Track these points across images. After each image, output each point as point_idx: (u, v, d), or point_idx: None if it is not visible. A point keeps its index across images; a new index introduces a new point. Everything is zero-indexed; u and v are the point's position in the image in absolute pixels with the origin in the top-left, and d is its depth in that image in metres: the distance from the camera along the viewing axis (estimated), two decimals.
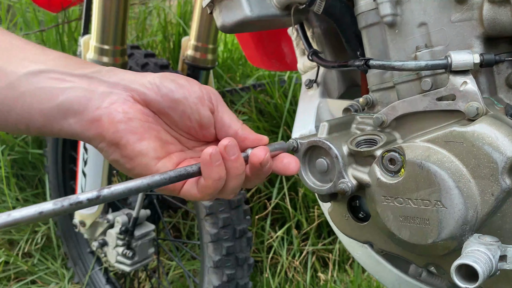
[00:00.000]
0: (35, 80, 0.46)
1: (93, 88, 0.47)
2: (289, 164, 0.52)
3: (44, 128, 0.48)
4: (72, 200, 0.37)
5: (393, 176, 0.55)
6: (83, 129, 0.47)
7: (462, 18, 0.57)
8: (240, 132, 0.52)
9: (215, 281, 1.20)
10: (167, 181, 0.44)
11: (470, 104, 0.52)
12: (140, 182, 0.42)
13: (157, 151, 0.49)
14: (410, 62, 0.56)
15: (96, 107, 0.47)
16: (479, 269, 0.41)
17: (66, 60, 0.49)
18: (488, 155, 0.48)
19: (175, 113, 0.50)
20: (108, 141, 0.47)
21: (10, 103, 0.46)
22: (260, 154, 0.49)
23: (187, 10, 2.04)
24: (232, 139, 0.48)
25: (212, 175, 0.47)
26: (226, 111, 0.52)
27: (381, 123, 0.60)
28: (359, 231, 0.62)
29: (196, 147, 0.54)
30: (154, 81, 0.49)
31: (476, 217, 0.49)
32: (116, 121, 0.47)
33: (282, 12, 0.71)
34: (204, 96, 0.50)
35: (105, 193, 0.39)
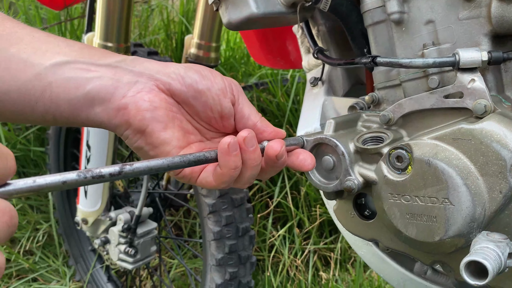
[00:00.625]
0: (62, 70, 0.47)
1: (118, 77, 0.48)
2: (304, 161, 0.53)
3: (71, 117, 0.49)
4: (94, 173, 0.38)
5: (400, 173, 0.55)
6: (109, 117, 0.48)
7: (470, 15, 0.56)
8: (258, 124, 0.53)
9: (217, 279, 1.20)
10: (186, 164, 0.45)
11: (478, 101, 0.52)
12: (161, 162, 0.43)
13: (179, 140, 0.50)
14: (418, 60, 0.56)
15: (122, 95, 0.48)
16: (489, 266, 0.41)
17: (90, 51, 0.50)
18: (497, 153, 0.48)
19: (198, 103, 0.51)
20: (134, 128, 0.49)
21: (37, 94, 0.47)
22: (276, 147, 0.50)
23: (190, 8, 2.04)
24: (251, 131, 0.49)
25: (228, 164, 0.48)
26: (246, 103, 0.53)
27: (387, 120, 0.60)
28: (364, 229, 0.62)
29: (214, 138, 0.55)
30: (178, 71, 0.50)
31: (484, 214, 0.49)
32: (142, 109, 0.48)
33: (288, 9, 0.71)
34: (226, 88, 0.52)
35: (126, 170, 0.40)
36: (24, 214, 1.81)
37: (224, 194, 1.19)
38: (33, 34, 0.49)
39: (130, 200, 1.40)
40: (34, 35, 0.49)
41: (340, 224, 0.67)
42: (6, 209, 0.31)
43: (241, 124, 0.53)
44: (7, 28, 0.48)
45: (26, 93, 0.47)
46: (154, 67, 0.51)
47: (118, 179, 0.41)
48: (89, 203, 1.35)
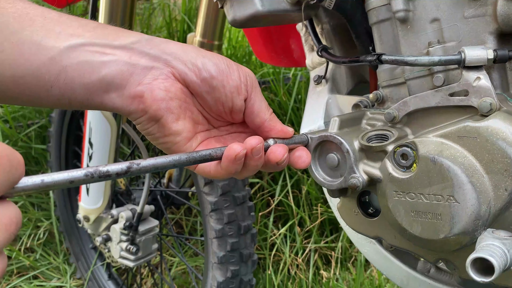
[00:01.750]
0: (76, 54, 0.46)
1: (134, 61, 0.48)
2: (299, 158, 0.53)
3: (86, 101, 0.48)
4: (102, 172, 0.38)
5: (405, 171, 0.55)
6: (124, 103, 0.48)
7: (476, 13, 0.57)
8: (267, 122, 0.52)
9: (219, 277, 1.20)
10: (192, 162, 0.46)
11: (484, 99, 0.52)
12: (167, 161, 0.43)
13: (189, 131, 0.51)
14: (424, 57, 0.56)
15: (138, 82, 0.48)
16: (495, 263, 0.41)
17: (104, 31, 0.49)
18: (502, 150, 0.48)
19: (211, 98, 0.51)
20: (148, 116, 0.49)
21: (52, 78, 0.46)
22: (279, 154, 0.50)
23: (192, 7, 2.04)
24: (260, 141, 0.49)
25: (229, 169, 0.48)
26: (258, 99, 0.53)
27: (392, 118, 0.60)
28: (368, 227, 0.62)
29: (222, 126, 0.55)
30: (196, 61, 0.49)
31: (489, 212, 0.49)
32: (158, 98, 0.48)
33: (293, 7, 0.71)
34: (241, 85, 0.51)
35: (133, 168, 0.40)
36: (25, 212, 1.81)
37: (226, 192, 1.19)
38: (45, 15, 0.48)
39: (131, 198, 1.40)
40: (46, 16, 0.47)
41: (343, 222, 0.67)
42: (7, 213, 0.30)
43: (250, 119, 0.53)
44: (18, 9, 0.47)
45: (41, 77, 0.46)
46: (171, 50, 0.49)
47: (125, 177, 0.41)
48: (91, 201, 1.35)
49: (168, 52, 0.49)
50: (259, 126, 0.53)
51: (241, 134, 0.56)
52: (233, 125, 0.56)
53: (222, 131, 0.55)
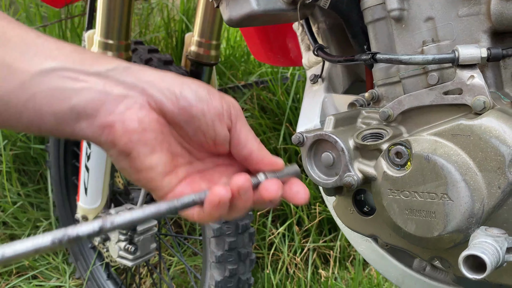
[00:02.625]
0: (47, 79, 0.43)
1: (108, 90, 0.44)
2: (297, 194, 0.49)
3: (56, 130, 0.45)
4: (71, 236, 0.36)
5: (400, 169, 0.55)
6: (94, 134, 0.44)
7: (470, 12, 0.57)
8: (255, 153, 0.49)
9: (217, 276, 1.20)
10: (173, 211, 0.43)
11: (477, 98, 0.52)
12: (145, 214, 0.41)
13: (166, 165, 0.46)
14: (417, 56, 0.56)
15: (109, 111, 0.44)
16: (487, 260, 0.41)
17: (81, 55, 0.46)
18: (495, 148, 0.49)
19: (190, 128, 0.47)
20: (119, 149, 0.45)
21: (21, 105, 0.43)
22: (272, 191, 0.46)
23: (190, 7, 2.04)
24: (247, 180, 0.45)
25: (212, 215, 0.45)
26: (244, 129, 0.49)
27: (387, 117, 0.60)
28: (364, 225, 0.63)
29: (205, 158, 0.51)
30: (174, 89, 0.46)
31: (482, 210, 0.50)
32: (130, 130, 0.44)
33: (288, 6, 0.71)
34: (223, 113, 0.47)
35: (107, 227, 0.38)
36: (24, 212, 1.82)
37: None
38: (23, 35, 0.45)
39: (130, 198, 1.41)
40: (23, 36, 0.45)
41: (339, 220, 0.68)
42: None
43: (236, 151, 0.49)
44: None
45: (10, 103, 0.43)
46: (148, 78, 0.46)
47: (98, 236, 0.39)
48: (89, 201, 1.35)
49: (145, 80, 0.46)
50: (247, 158, 0.49)
51: (228, 168, 0.52)
52: (219, 157, 0.51)
53: (207, 163, 0.51)
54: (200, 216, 0.46)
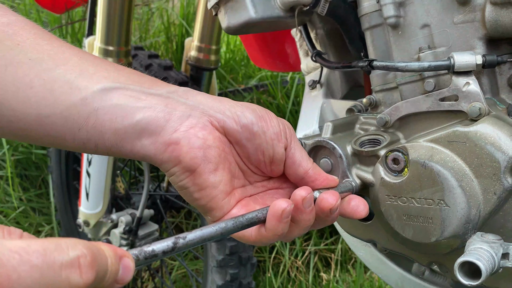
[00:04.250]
0: (109, 96, 0.44)
1: (171, 109, 0.45)
2: (357, 207, 0.50)
3: (115, 147, 0.45)
4: (147, 253, 0.36)
5: (397, 175, 0.55)
6: (157, 151, 0.45)
7: (465, 19, 0.57)
8: (310, 172, 0.50)
9: (218, 280, 1.20)
10: (239, 228, 0.43)
11: (473, 104, 0.53)
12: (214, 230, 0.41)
13: (226, 185, 0.47)
14: (413, 63, 0.56)
15: (174, 129, 0.45)
16: (482, 266, 0.42)
17: (140, 78, 0.47)
18: (491, 155, 0.49)
19: (251, 146, 0.48)
20: (183, 166, 0.45)
21: (81, 120, 0.44)
22: (331, 200, 0.46)
23: (190, 11, 2.05)
24: (310, 191, 0.46)
25: (276, 230, 0.45)
26: (299, 148, 0.50)
27: (384, 123, 0.61)
28: (362, 230, 0.63)
29: (257, 182, 0.52)
30: (234, 110, 0.47)
31: (478, 215, 0.50)
32: (195, 146, 0.45)
33: (286, 13, 0.72)
34: (281, 132, 0.49)
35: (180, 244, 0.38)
36: (26, 217, 1.82)
37: None
38: (81, 55, 0.46)
39: (131, 202, 1.41)
40: (81, 56, 0.46)
41: (338, 226, 0.68)
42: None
43: (292, 170, 0.50)
44: (54, 47, 0.45)
45: (69, 118, 0.43)
46: (208, 101, 0.47)
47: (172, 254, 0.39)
48: (90, 205, 1.36)
49: (205, 103, 0.47)
50: (303, 177, 0.50)
51: (278, 191, 0.52)
52: (269, 181, 0.52)
53: (257, 187, 0.51)
54: (260, 236, 0.46)
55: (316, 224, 0.49)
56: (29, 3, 2.08)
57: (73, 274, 0.26)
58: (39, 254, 0.25)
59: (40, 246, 0.25)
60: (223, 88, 1.94)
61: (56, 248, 0.26)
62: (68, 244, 0.27)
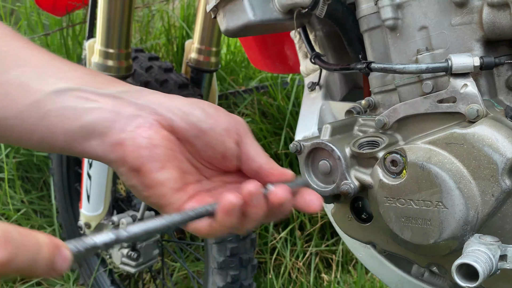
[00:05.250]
0: (61, 98, 0.45)
1: (119, 110, 0.46)
2: (311, 202, 0.49)
3: (66, 148, 0.46)
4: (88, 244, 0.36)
5: (395, 177, 0.56)
6: (104, 151, 0.46)
7: (462, 21, 0.57)
8: (264, 166, 0.50)
9: (219, 282, 1.21)
10: (187, 220, 0.43)
11: (471, 106, 0.53)
12: (160, 223, 0.41)
13: (176, 181, 0.47)
14: (411, 65, 0.57)
15: (120, 129, 0.45)
16: (479, 268, 0.42)
17: (94, 78, 0.48)
18: (488, 157, 0.49)
19: (200, 143, 0.48)
20: (129, 166, 0.46)
21: (34, 122, 0.45)
22: (281, 194, 0.46)
23: (190, 13, 2.05)
24: (258, 185, 0.45)
25: (225, 223, 0.45)
26: (252, 143, 0.50)
27: (383, 125, 0.61)
28: (362, 232, 0.63)
29: (214, 177, 0.52)
30: (182, 107, 0.48)
31: (477, 217, 0.50)
32: (140, 146, 0.45)
33: (285, 16, 0.72)
34: (231, 128, 0.49)
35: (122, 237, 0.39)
36: (28, 219, 1.83)
37: None
38: (39, 56, 0.47)
39: (132, 204, 1.42)
40: (39, 58, 0.47)
41: (338, 228, 0.68)
42: None
43: (246, 166, 0.50)
44: (11, 49, 0.46)
45: (24, 120, 0.45)
46: (158, 100, 0.48)
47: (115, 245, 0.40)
48: (91, 208, 1.36)
49: (155, 101, 0.48)
50: (257, 171, 0.50)
51: (236, 186, 0.51)
52: (227, 175, 0.52)
53: (215, 181, 0.51)
54: (211, 228, 0.46)
55: (270, 216, 0.49)
56: (29, 6, 2.08)
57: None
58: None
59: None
60: (223, 90, 1.94)
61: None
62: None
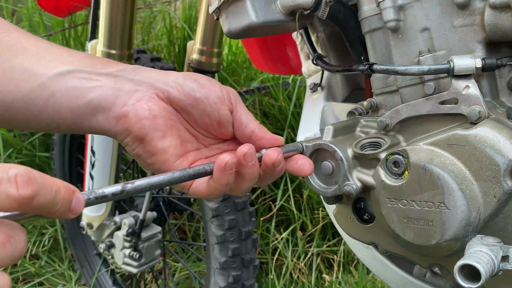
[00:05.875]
0: (65, 80, 0.49)
1: (119, 86, 0.50)
2: (303, 166, 0.54)
3: (74, 125, 0.50)
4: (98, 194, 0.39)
5: (397, 178, 0.56)
6: (110, 125, 0.50)
7: (464, 23, 0.58)
8: (256, 131, 0.54)
9: (221, 282, 1.21)
10: (186, 178, 0.46)
11: (473, 107, 0.53)
12: (162, 178, 0.44)
13: (176, 149, 0.52)
14: (413, 67, 0.57)
15: (123, 104, 0.50)
16: (482, 269, 0.42)
17: (92, 60, 0.52)
18: (490, 158, 0.49)
19: (196, 111, 0.52)
20: (133, 136, 0.50)
21: (41, 103, 0.48)
22: (273, 155, 0.50)
23: (192, 15, 2.06)
24: (251, 146, 0.49)
25: (221, 181, 0.49)
26: (244, 111, 0.54)
27: (385, 126, 0.61)
28: (364, 233, 0.63)
29: (212, 145, 0.56)
30: (177, 80, 0.52)
31: (479, 218, 0.50)
32: (142, 117, 0.49)
33: (287, 17, 0.72)
34: (224, 96, 0.53)
35: (128, 188, 0.41)
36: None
37: (227, 198, 1.20)
38: (38, 44, 0.51)
39: (134, 205, 1.42)
40: (38, 45, 0.50)
41: (340, 228, 0.68)
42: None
43: (240, 131, 0.54)
44: (12, 38, 0.50)
45: (30, 103, 0.48)
46: (154, 75, 0.52)
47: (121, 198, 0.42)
48: (94, 208, 1.36)
49: (151, 77, 0.51)
50: (250, 136, 0.54)
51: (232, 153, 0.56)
52: (223, 143, 0.57)
53: (213, 149, 0.56)
54: (209, 187, 0.50)
55: (264, 178, 0.53)
56: (31, 7, 2.09)
57: (10, 188, 0.31)
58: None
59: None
60: None
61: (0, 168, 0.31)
62: (11, 165, 0.32)
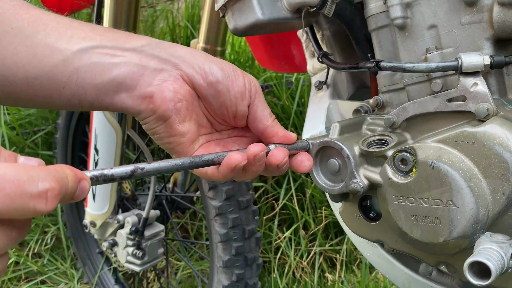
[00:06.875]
0: (88, 55, 0.48)
1: (144, 63, 0.49)
2: (301, 162, 0.54)
3: (96, 102, 0.50)
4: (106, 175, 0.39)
5: (405, 176, 0.56)
6: (134, 103, 0.50)
7: (472, 20, 0.57)
8: (269, 128, 0.54)
9: (224, 281, 1.21)
10: (194, 166, 0.47)
11: (481, 105, 0.53)
12: (170, 165, 0.45)
13: (193, 134, 0.52)
14: (421, 64, 0.57)
15: (148, 83, 0.49)
16: (492, 266, 0.42)
17: (114, 34, 0.51)
18: (499, 155, 0.49)
19: (216, 102, 0.52)
20: (157, 116, 0.50)
21: (64, 79, 0.48)
22: (279, 156, 0.51)
23: (195, 13, 2.06)
24: (263, 149, 0.50)
25: (227, 176, 0.50)
26: (261, 105, 0.54)
27: (392, 124, 0.61)
28: (370, 231, 0.63)
29: (223, 130, 0.57)
30: (203, 66, 0.51)
31: (487, 216, 0.50)
32: (167, 99, 0.49)
33: (293, 15, 0.72)
34: (245, 91, 0.53)
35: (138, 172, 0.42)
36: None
37: (231, 197, 1.20)
38: (58, 20, 0.50)
39: (137, 203, 1.42)
40: (59, 21, 0.50)
41: (345, 226, 0.68)
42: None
43: (253, 125, 0.54)
44: (32, 15, 0.49)
45: (53, 78, 0.48)
46: (179, 54, 0.51)
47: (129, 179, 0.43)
48: (97, 206, 1.36)
49: (177, 56, 0.51)
50: (262, 132, 0.54)
51: (241, 138, 0.57)
52: (234, 129, 0.57)
53: (223, 134, 0.57)
54: (213, 174, 0.51)
55: (266, 172, 0.53)
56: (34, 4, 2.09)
57: (40, 204, 0.30)
58: (13, 184, 0.29)
59: (14, 176, 0.29)
60: None
61: (28, 180, 0.29)
62: (39, 175, 0.30)
